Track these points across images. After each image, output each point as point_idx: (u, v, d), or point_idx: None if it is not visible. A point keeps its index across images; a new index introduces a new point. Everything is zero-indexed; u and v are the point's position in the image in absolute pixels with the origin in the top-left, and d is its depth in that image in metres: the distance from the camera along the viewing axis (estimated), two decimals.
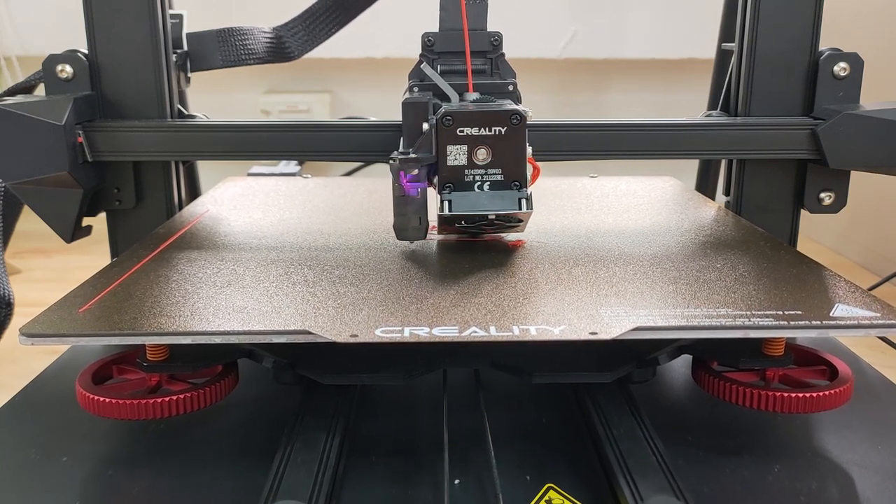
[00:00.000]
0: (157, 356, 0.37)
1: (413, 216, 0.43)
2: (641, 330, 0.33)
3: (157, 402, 0.35)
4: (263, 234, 0.49)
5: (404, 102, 0.43)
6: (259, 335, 0.33)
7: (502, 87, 0.47)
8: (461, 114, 0.40)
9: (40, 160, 0.48)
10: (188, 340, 0.33)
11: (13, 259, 1.07)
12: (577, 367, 0.39)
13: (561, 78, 1.43)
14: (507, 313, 0.35)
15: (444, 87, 0.44)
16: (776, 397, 0.35)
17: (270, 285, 0.39)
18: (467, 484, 0.34)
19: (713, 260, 0.43)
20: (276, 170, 0.79)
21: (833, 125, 0.49)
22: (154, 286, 0.39)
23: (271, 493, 0.31)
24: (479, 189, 0.41)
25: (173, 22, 0.57)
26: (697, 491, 0.33)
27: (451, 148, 0.41)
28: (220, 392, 0.37)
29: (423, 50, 0.47)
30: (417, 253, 0.45)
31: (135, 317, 0.34)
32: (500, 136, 0.40)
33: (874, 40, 1.03)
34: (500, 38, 0.47)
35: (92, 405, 0.35)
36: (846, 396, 0.36)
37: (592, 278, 0.40)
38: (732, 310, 0.35)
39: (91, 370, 0.38)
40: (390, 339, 0.32)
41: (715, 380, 0.37)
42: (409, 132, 0.43)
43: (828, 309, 0.35)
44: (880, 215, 1.04)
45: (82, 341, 0.33)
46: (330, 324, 0.34)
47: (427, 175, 0.42)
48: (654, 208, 0.56)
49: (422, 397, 0.43)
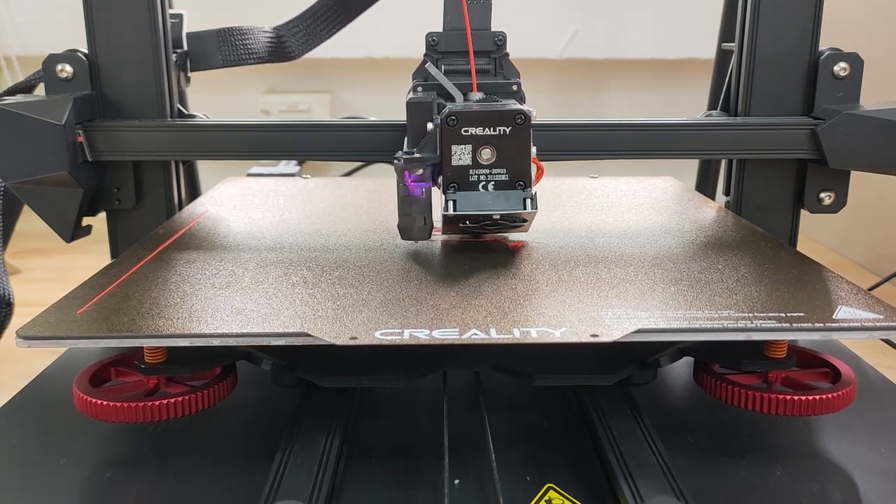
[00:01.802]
0: (156, 358, 0.36)
1: (418, 216, 0.43)
2: (643, 332, 0.32)
3: (154, 405, 0.35)
4: (263, 235, 0.49)
5: (409, 102, 0.43)
6: (257, 337, 0.33)
7: (506, 86, 0.47)
8: (466, 114, 0.40)
9: (40, 160, 0.48)
10: (186, 343, 0.32)
11: (13, 259, 1.07)
12: (577, 369, 0.38)
13: (561, 78, 1.43)
14: (508, 315, 0.35)
15: (448, 87, 0.44)
16: (779, 400, 0.35)
17: (269, 287, 0.39)
18: (467, 484, 0.34)
19: (714, 261, 0.42)
20: (276, 170, 0.79)
21: (833, 125, 0.49)
22: (152, 287, 0.38)
23: (271, 494, 0.30)
24: (483, 189, 0.41)
25: (173, 22, 0.57)
26: (698, 492, 0.33)
27: (456, 148, 0.41)
28: (219, 394, 0.37)
29: (428, 49, 0.47)
30: (417, 254, 0.45)
31: (133, 319, 0.34)
32: (504, 135, 0.40)
33: (874, 40, 1.03)
34: (503, 37, 0.47)
35: (89, 408, 0.35)
36: (849, 399, 0.36)
37: (593, 280, 0.40)
38: (735, 312, 0.34)
39: (89, 373, 0.38)
40: (390, 342, 0.32)
41: (717, 382, 0.37)
42: (413, 132, 0.43)
43: (830, 311, 0.34)
44: (880, 215, 1.04)
45: (80, 344, 0.33)
46: (329, 326, 0.33)
47: (432, 175, 0.42)
48: (654, 209, 0.56)
49: (422, 399, 0.43)
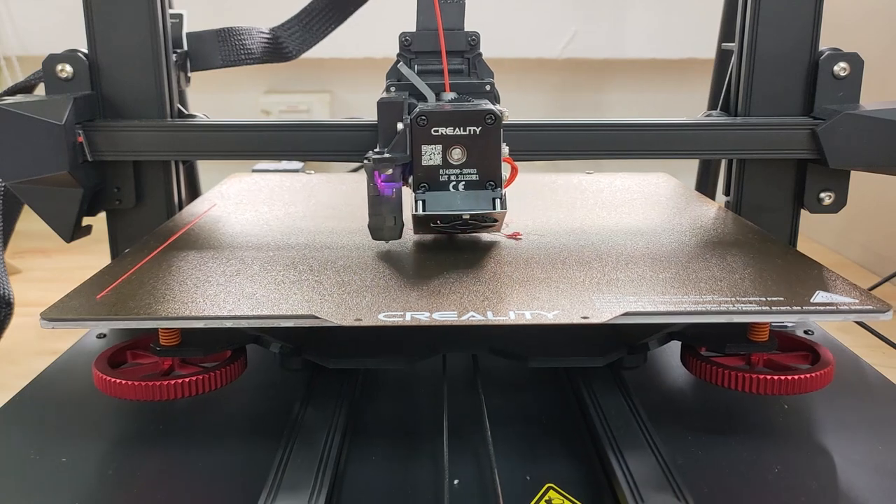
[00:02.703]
0: (170, 341, 0.38)
1: (388, 216, 0.43)
2: (631, 315, 0.34)
3: (170, 384, 0.36)
4: (270, 228, 0.50)
5: (379, 102, 0.44)
6: (268, 319, 0.34)
7: (479, 86, 0.47)
8: (435, 113, 0.41)
9: (40, 160, 0.48)
10: (201, 324, 0.34)
11: (13, 259, 1.07)
12: (570, 352, 0.40)
13: (561, 78, 1.43)
14: (504, 300, 0.36)
15: (420, 87, 0.44)
16: (759, 380, 0.37)
17: (278, 274, 0.40)
18: (467, 484, 0.34)
19: (702, 252, 0.44)
20: (280, 166, 0.79)
21: (833, 125, 0.49)
22: (166, 275, 0.40)
23: (273, 489, 0.31)
24: (453, 189, 0.41)
25: (173, 22, 0.57)
26: (697, 490, 0.33)
27: (426, 148, 0.41)
28: (230, 375, 0.38)
29: (401, 49, 0.47)
30: (419, 244, 0.46)
31: (149, 303, 0.36)
32: (474, 135, 0.41)
33: (874, 40, 1.03)
34: (477, 37, 0.47)
35: (109, 387, 0.37)
36: (827, 379, 0.38)
37: (585, 268, 0.41)
38: (718, 296, 0.36)
39: (106, 355, 0.39)
40: (393, 323, 0.33)
41: (702, 363, 0.39)
42: (384, 132, 0.43)
43: (809, 296, 0.36)
44: (880, 215, 1.04)
45: (101, 325, 0.34)
46: (335, 309, 0.35)
47: (403, 175, 0.42)
48: (646, 203, 0.57)
49: (421, 385, 0.44)
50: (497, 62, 0.50)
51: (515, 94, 1.39)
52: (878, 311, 0.34)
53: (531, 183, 0.63)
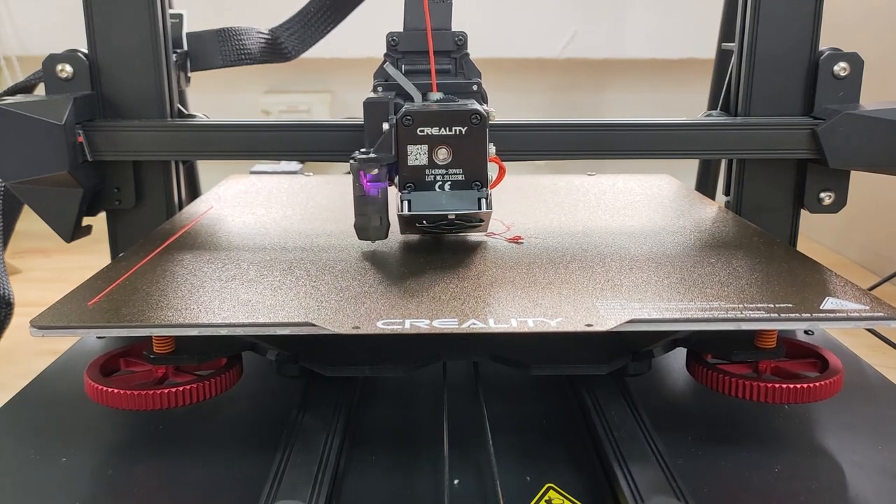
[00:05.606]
0: (164, 348, 0.37)
1: (374, 216, 0.42)
2: (636, 322, 0.33)
3: (164, 393, 0.35)
4: (267, 231, 0.50)
5: (365, 102, 0.43)
6: (264, 327, 0.33)
7: (466, 86, 0.47)
8: (421, 113, 0.40)
9: (40, 160, 0.48)
10: (195, 332, 0.33)
11: (13, 259, 1.07)
12: (574, 359, 0.39)
13: (561, 78, 1.43)
14: (506, 306, 0.35)
15: (406, 87, 0.44)
16: (767, 388, 0.36)
17: (274, 279, 0.39)
18: (467, 484, 0.34)
19: (707, 255, 0.43)
20: (279, 168, 0.79)
21: (833, 125, 0.49)
22: (160, 280, 0.39)
23: (271, 493, 0.31)
24: (439, 189, 0.41)
25: (173, 22, 0.57)
26: (697, 491, 0.33)
27: (412, 148, 0.41)
28: (226, 383, 0.38)
29: (388, 49, 0.47)
30: (417, 248, 0.45)
31: (142, 309, 0.35)
32: (460, 135, 0.40)
33: (874, 40, 1.03)
34: (464, 37, 0.47)
35: (100, 396, 0.36)
36: (836, 388, 0.37)
37: (589, 273, 0.40)
38: (725, 303, 0.35)
39: (99, 362, 0.39)
40: (391, 331, 0.33)
41: (708, 371, 0.38)
42: (370, 132, 0.43)
43: (818, 302, 0.35)
44: (880, 215, 1.04)
45: (92, 333, 0.34)
46: (333, 316, 0.34)
47: (389, 175, 0.42)
48: (649, 205, 0.57)
49: (421, 393, 0.43)
50: (497, 62, 0.50)
51: (515, 94, 1.40)
52: (890, 319, 0.34)
53: (532, 185, 0.63)
